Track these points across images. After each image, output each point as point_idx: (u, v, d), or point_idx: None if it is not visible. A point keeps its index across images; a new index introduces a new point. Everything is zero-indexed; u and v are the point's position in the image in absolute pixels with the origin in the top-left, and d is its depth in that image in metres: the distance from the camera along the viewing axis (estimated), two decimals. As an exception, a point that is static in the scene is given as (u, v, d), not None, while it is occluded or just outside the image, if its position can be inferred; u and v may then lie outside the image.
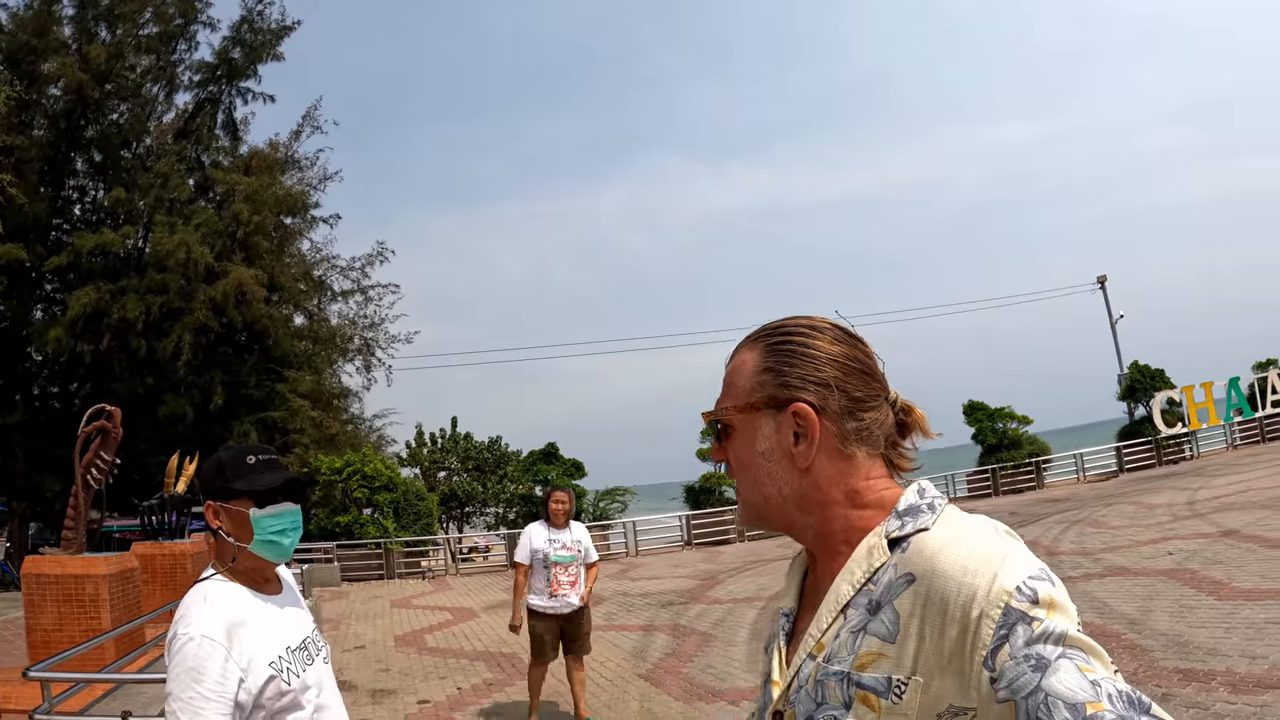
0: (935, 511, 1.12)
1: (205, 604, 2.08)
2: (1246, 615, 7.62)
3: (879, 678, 1.04)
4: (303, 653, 2.21)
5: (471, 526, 35.96)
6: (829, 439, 1.17)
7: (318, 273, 33.72)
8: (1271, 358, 31.47)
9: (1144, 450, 29.22)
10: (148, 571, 11.59)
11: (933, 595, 1.02)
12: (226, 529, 2.19)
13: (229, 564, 2.20)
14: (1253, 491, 16.26)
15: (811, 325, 1.24)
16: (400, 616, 15.01)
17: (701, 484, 28.35)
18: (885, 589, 1.08)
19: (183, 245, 25.52)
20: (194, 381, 26.88)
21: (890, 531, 1.12)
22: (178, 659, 1.96)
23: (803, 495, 1.20)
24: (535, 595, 6.84)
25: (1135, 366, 32.02)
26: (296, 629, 2.26)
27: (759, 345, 1.26)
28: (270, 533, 2.18)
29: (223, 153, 31.47)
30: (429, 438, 37.95)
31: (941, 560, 1.03)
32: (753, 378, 1.24)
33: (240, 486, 2.17)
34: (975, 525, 1.09)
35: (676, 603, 13.79)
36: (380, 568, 22.45)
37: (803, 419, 1.18)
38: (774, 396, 1.21)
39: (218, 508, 2.20)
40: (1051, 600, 0.96)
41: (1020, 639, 0.94)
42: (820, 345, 1.21)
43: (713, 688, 8.04)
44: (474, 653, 10.98)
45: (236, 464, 2.20)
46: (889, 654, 1.04)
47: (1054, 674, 0.91)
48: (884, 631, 1.05)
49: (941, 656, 1.00)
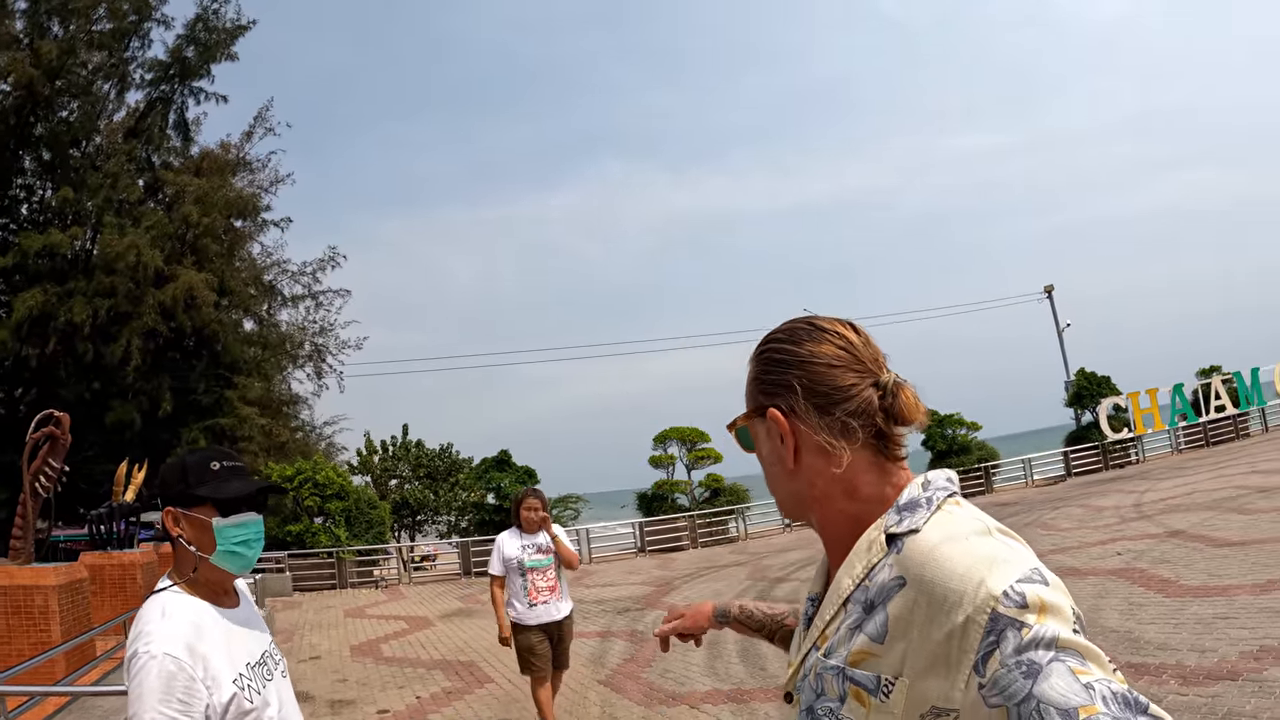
0: (931, 508, 1.12)
1: (164, 619, 1.95)
2: (1195, 611, 7.87)
3: (870, 675, 1.07)
4: (262, 668, 2.11)
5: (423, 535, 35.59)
6: (807, 438, 1.21)
7: (268, 277, 33.22)
8: (1215, 364, 32.38)
9: (1090, 455, 29.87)
10: (96, 582, 11.38)
11: (921, 600, 1.03)
12: (187, 537, 2.06)
13: (188, 575, 2.07)
14: (1198, 494, 16.71)
15: (789, 329, 1.28)
16: (355, 626, 14.88)
17: (654, 491, 28.42)
18: (879, 589, 1.09)
19: (132, 248, 25.04)
20: (142, 387, 26.35)
21: (889, 526, 1.13)
22: (139, 678, 1.83)
23: (799, 494, 1.25)
24: (516, 607, 6.51)
25: (1082, 373, 32.73)
26: (256, 644, 2.15)
27: (753, 358, 1.32)
28: (234, 543, 2.07)
29: (173, 153, 30.94)
30: (380, 445, 37.54)
31: (930, 565, 1.04)
32: (749, 388, 1.32)
33: (204, 493, 2.05)
34: (968, 525, 1.09)
35: (633, 609, 13.84)
36: (333, 577, 22.19)
37: (776, 423, 1.23)
38: (759, 405, 1.27)
39: (178, 514, 2.07)
40: (1042, 603, 0.96)
41: (1010, 645, 0.93)
42: (788, 348, 1.25)
43: (673, 692, 8.11)
44: (431, 661, 10.92)
45: (200, 469, 2.08)
46: (878, 654, 1.06)
47: (1045, 679, 0.90)
48: (875, 632, 1.07)
49: (927, 659, 1.01)
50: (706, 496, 28.32)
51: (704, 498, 28.32)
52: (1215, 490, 16.54)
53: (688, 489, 28.67)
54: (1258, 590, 8.24)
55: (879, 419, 1.19)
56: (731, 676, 8.37)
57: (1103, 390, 31.44)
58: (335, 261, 33.24)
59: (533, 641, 6.47)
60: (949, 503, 1.14)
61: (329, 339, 33.67)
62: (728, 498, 27.88)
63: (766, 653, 9.18)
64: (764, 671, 8.36)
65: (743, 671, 8.50)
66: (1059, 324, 37.53)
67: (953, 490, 1.17)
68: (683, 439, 29.17)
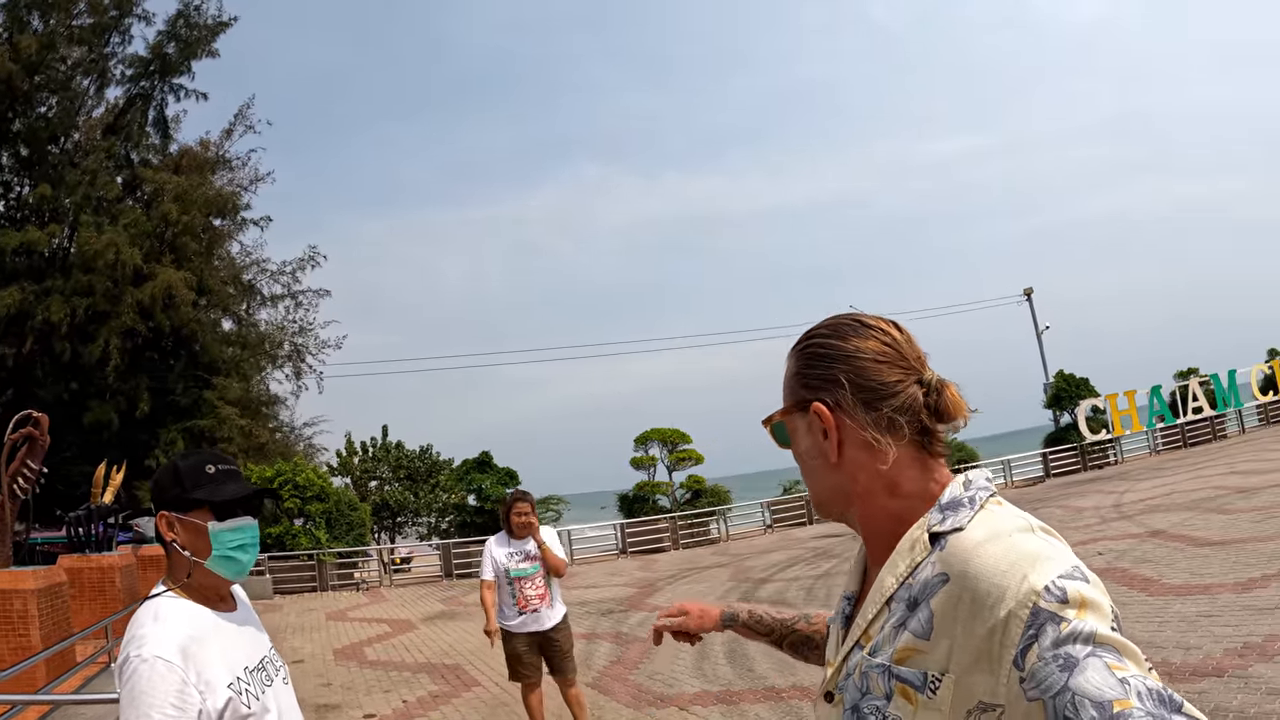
0: (974, 507, 1.13)
1: (157, 623, 1.92)
2: (1178, 610, 7.95)
3: (916, 673, 1.07)
4: (261, 673, 2.07)
5: (404, 537, 35.47)
6: (851, 433, 1.21)
7: (247, 276, 32.95)
8: (1193, 367, 32.75)
9: (1069, 456, 30.10)
10: (75, 586, 11.23)
11: (964, 595, 1.04)
12: (181, 542, 2.02)
13: (183, 579, 2.03)
14: (1177, 494, 16.87)
15: (833, 325, 1.29)
16: (337, 629, 14.78)
17: (635, 492, 28.42)
18: (923, 586, 1.10)
19: (111, 246, 24.81)
20: (120, 387, 26.07)
21: (932, 525, 1.14)
22: (131, 683, 1.80)
23: (841, 489, 1.24)
24: (505, 615, 6.34)
25: (1061, 375, 33.03)
26: (254, 649, 2.11)
27: (794, 353, 1.32)
28: (229, 548, 2.04)
29: (152, 150, 30.65)
30: (360, 446, 37.38)
31: (974, 561, 1.05)
32: (788, 384, 1.32)
33: (199, 497, 2.02)
34: (1011, 523, 1.10)
35: (616, 610, 13.82)
36: (313, 579, 22.03)
37: (820, 417, 1.23)
38: (801, 399, 1.27)
39: (173, 519, 2.03)
40: (1082, 599, 0.97)
41: (1048, 639, 0.94)
42: (834, 344, 1.25)
43: (661, 694, 8.10)
44: (416, 665, 10.86)
45: (195, 472, 2.05)
46: (924, 650, 1.07)
47: (1082, 673, 0.91)
48: (920, 629, 1.08)
49: (972, 655, 1.01)
50: (688, 498, 28.34)
51: (685, 499, 28.35)
52: (1194, 491, 16.69)
53: (669, 490, 28.68)
54: (1239, 588, 8.33)
55: (924, 416, 1.20)
56: (720, 678, 8.37)
57: (1081, 392, 31.73)
58: (315, 261, 33.05)
59: (519, 649, 6.30)
60: (991, 502, 1.15)
61: (308, 339, 33.46)
62: (709, 499, 27.93)
63: (754, 654, 9.18)
64: (752, 673, 8.37)
65: (730, 673, 8.49)
66: (1038, 326, 37.76)
67: (993, 490, 1.18)
68: (664, 440, 29.19)
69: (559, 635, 6.36)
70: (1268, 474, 16.89)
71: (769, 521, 27.29)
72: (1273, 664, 5.98)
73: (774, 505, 27.83)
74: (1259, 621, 7.09)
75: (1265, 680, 5.70)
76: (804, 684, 7.68)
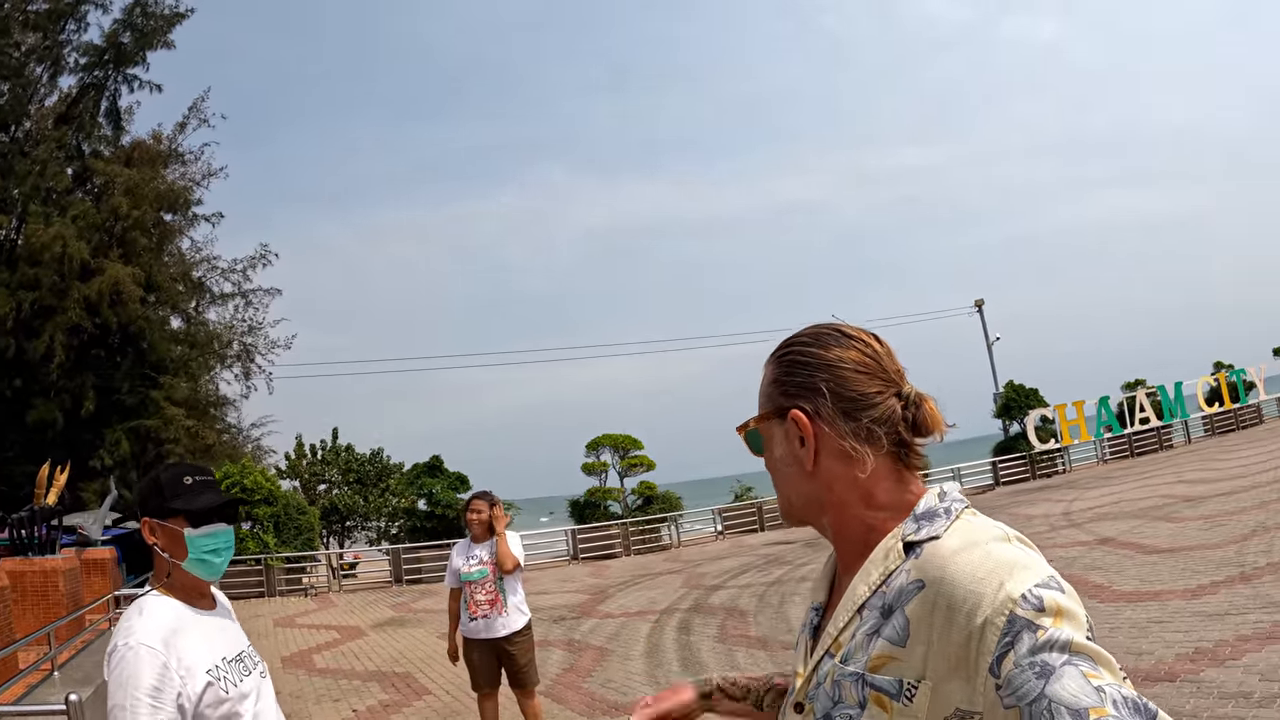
0: (950, 517, 1.14)
1: (142, 615, 2.14)
2: (1129, 616, 8.07)
3: (891, 680, 1.06)
4: (239, 664, 2.26)
5: (353, 541, 34.98)
6: (829, 442, 1.20)
7: (197, 274, 32.17)
8: (1140, 378, 33.51)
9: (1018, 465, 30.63)
10: (17, 591, 10.85)
11: (940, 602, 1.03)
12: (162, 546, 2.25)
13: (163, 579, 2.26)
14: (1124, 502, 17.20)
15: (815, 333, 1.28)
16: (285, 636, 14.50)
17: (587, 498, 28.33)
18: (898, 593, 1.10)
19: (59, 239, 24.19)
20: (65, 385, 25.37)
21: (907, 535, 1.14)
22: (118, 669, 2.02)
23: (815, 497, 1.24)
24: (462, 622, 6.17)
25: (1010, 385, 33.61)
26: (232, 643, 2.32)
27: (773, 359, 1.32)
28: (203, 552, 2.24)
29: (104, 142, 29.84)
30: (309, 449, 36.81)
31: (951, 568, 1.05)
32: (766, 390, 1.31)
33: (177, 505, 2.23)
34: (988, 533, 1.10)
35: (568, 617, 13.73)
36: (261, 584, 21.61)
37: (799, 424, 1.22)
38: (779, 406, 1.26)
39: (154, 524, 2.25)
40: (1058, 608, 0.97)
41: (1025, 646, 0.95)
42: (815, 352, 1.24)
43: (615, 702, 8.05)
44: (366, 673, 10.67)
45: (174, 483, 2.27)
46: (900, 657, 1.06)
47: (1058, 680, 0.91)
48: (895, 636, 1.07)
49: (949, 662, 1.01)
50: (639, 504, 28.32)
51: (637, 505, 28.32)
52: (1142, 499, 17.02)
53: (621, 496, 28.64)
54: (1189, 595, 8.48)
55: (901, 428, 1.20)
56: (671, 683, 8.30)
57: (1030, 402, 32.30)
58: (266, 259, 32.35)
59: (474, 657, 6.14)
60: (966, 513, 1.15)
61: (258, 338, 32.76)
62: (660, 505, 27.93)
63: (708, 661, 9.16)
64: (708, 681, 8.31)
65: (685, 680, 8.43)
66: (988, 337, 38.33)
67: (967, 502, 1.18)
68: (616, 446, 29.14)
69: (515, 646, 6.12)
70: (1214, 483, 17.26)
71: (720, 528, 27.35)
72: (1224, 669, 6.08)
73: (725, 512, 27.93)
74: (1209, 627, 7.21)
75: (1217, 685, 5.79)
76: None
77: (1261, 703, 5.31)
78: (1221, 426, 33.07)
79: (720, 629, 10.81)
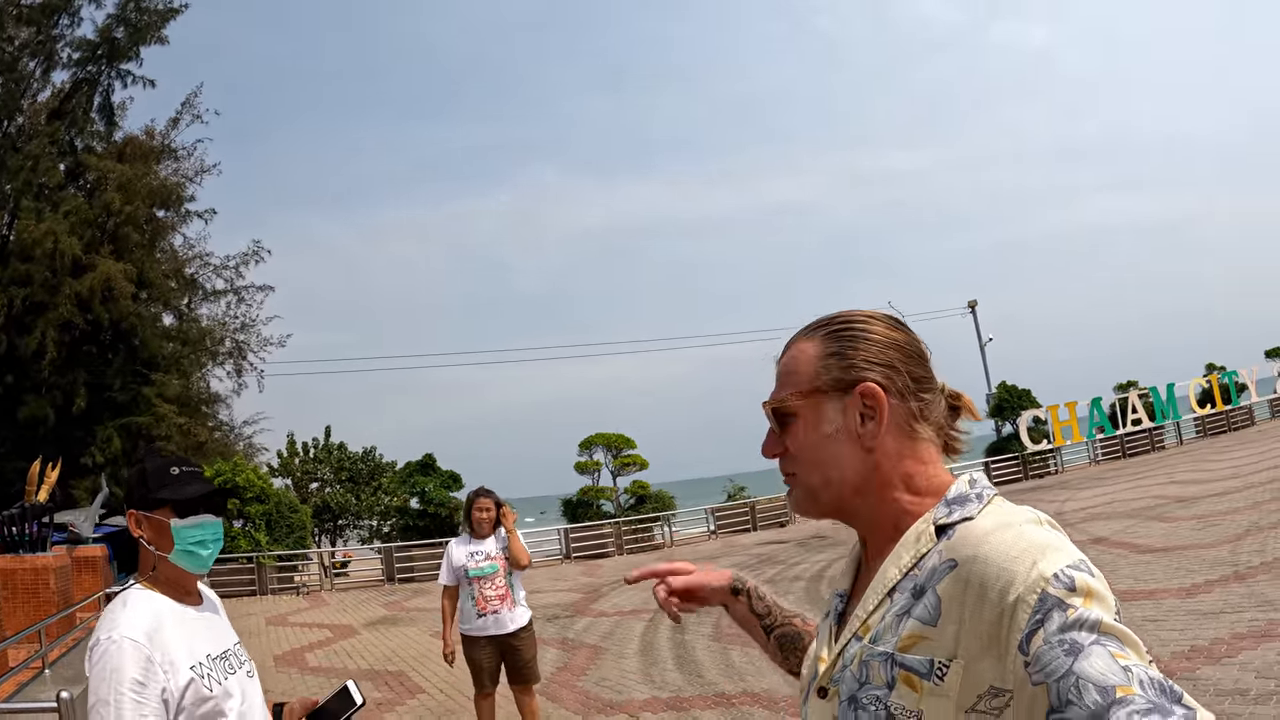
0: (982, 501, 1.15)
1: (125, 609, 2.09)
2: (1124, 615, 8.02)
3: (922, 659, 1.06)
4: (224, 661, 2.20)
5: (345, 540, 34.95)
6: (896, 418, 1.21)
7: (189, 270, 31.94)
8: (1132, 380, 33.70)
9: (1011, 465, 30.76)
10: (8, 588, 10.82)
11: (973, 580, 1.04)
12: (148, 538, 2.20)
13: (149, 572, 2.21)
14: (1117, 503, 17.26)
15: (868, 315, 1.29)
16: (278, 635, 14.46)
17: (580, 497, 28.32)
18: (929, 574, 1.10)
19: (50, 235, 24.03)
20: (57, 382, 25.20)
21: (938, 518, 1.15)
22: (100, 662, 1.97)
23: (864, 477, 1.22)
24: (465, 619, 6.09)
25: (1003, 386, 33.80)
26: (218, 639, 2.25)
27: (818, 334, 1.29)
28: (190, 543, 2.20)
29: (97, 137, 29.61)
30: (301, 447, 36.75)
31: (984, 547, 1.05)
32: (816, 363, 1.26)
33: (163, 496, 2.19)
34: (1020, 515, 1.11)
35: (562, 616, 13.70)
36: (252, 583, 21.52)
37: (870, 399, 1.20)
38: (840, 379, 1.23)
39: (140, 516, 2.21)
40: (1089, 589, 0.98)
41: (1054, 624, 0.96)
42: (880, 330, 1.25)
43: (610, 700, 8.02)
44: (359, 671, 10.63)
45: (160, 474, 2.22)
46: (931, 636, 1.06)
47: (1086, 658, 0.92)
48: (926, 615, 1.08)
49: (980, 640, 1.02)
50: (632, 503, 28.33)
51: (629, 504, 28.32)
52: (1134, 500, 17.08)
53: (613, 495, 28.63)
54: (1184, 594, 8.51)
55: (945, 415, 1.26)
56: (669, 684, 8.31)
57: (1023, 403, 32.47)
58: (259, 256, 32.13)
59: (478, 656, 6.07)
60: (996, 499, 1.16)
61: (250, 335, 32.55)
62: (653, 504, 27.94)
63: (703, 660, 9.14)
64: (701, 679, 8.32)
65: (680, 679, 8.44)
66: (981, 338, 38.47)
67: (996, 490, 1.19)
68: (609, 445, 29.16)
69: (521, 641, 6.12)
70: (1206, 484, 17.33)
71: (713, 527, 27.33)
72: (1219, 666, 6.11)
73: (718, 511, 27.90)
74: (1204, 626, 7.24)
75: (1213, 682, 5.81)
76: (754, 690, 7.66)
77: (1258, 699, 5.33)
78: (1213, 428, 33.22)
79: (715, 628, 10.79)
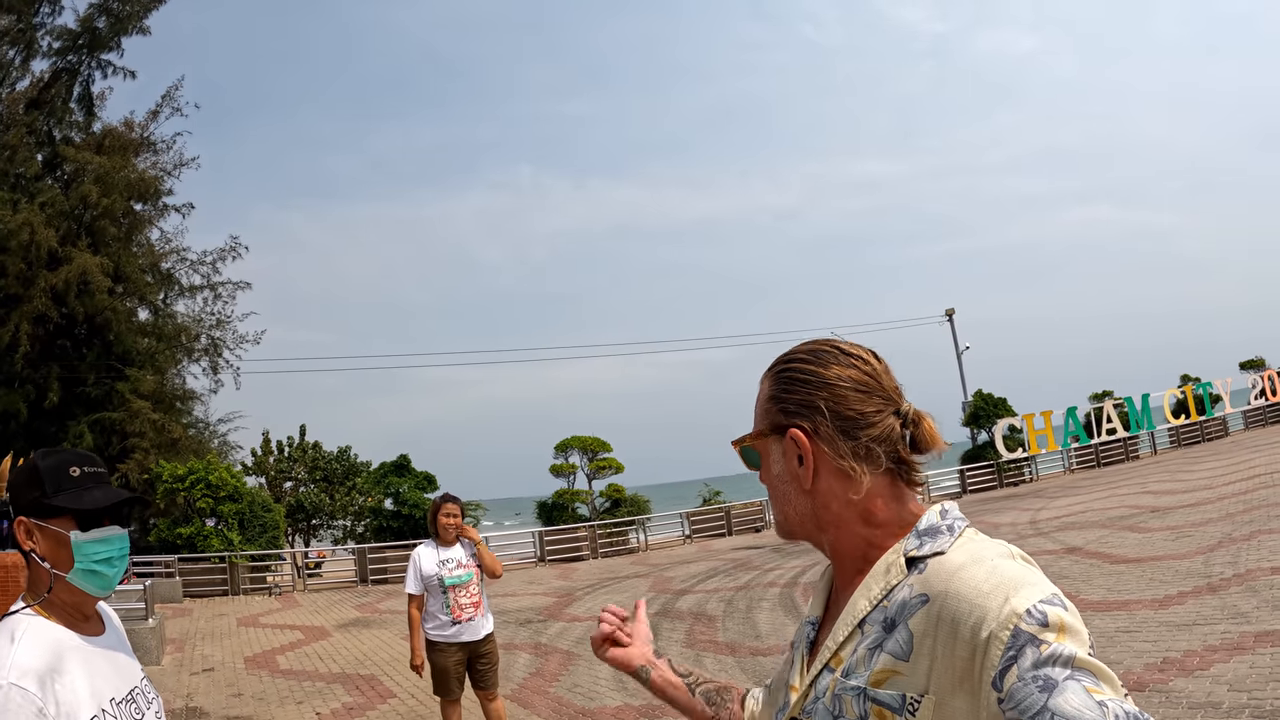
0: (954, 534, 1.14)
1: (14, 645, 1.69)
2: (1097, 625, 8.08)
3: (894, 694, 1.05)
4: (130, 705, 1.86)
5: (318, 540, 34.65)
6: (827, 460, 1.20)
7: (166, 265, 31.56)
8: (1107, 389, 33.92)
9: (986, 473, 30.97)
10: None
11: (945, 616, 1.03)
12: (41, 552, 1.80)
13: (43, 594, 1.81)
14: (1091, 512, 17.30)
15: (813, 350, 1.27)
16: (249, 636, 14.29)
17: (555, 500, 28.24)
18: (900, 608, 1.09)
19: (26, 226, 23.67)
20: (30, 376, 24.85)
21: (909, 550, 1.14)
22: None
23: (813, 515, 1.23)
24: (435, 626, 6.01)
25: (979, 394, 33.97)
26: (123, 678, 1.89)
27: (769, 375, 1.31)
28: (94, 561, 1.83)
29: (75, 128, 29.16)
30: (276, 446, 36.43)
31: (955, 583, 1.05)
32: (762, 406, 1.30)
33: (62, 503, 1.80)
34: (993, 549, 1.10)
35: (535, 620, 13.63)
36: (225, 583, 21.33)
37: (797, 443, 1.21)
38: (776, 423, 1.26)
39: (31, 526, 1.81)
40: (1062, 624, 0.97)
41: (1028, 660, 0.95)
42: (814, 370, 1.23)
43: (582, 707, 7.97)
44: (330, 675, 10.52)
45: (57, 475, 1.83)
46: (903, 671, 1.05)
47: (1060, 694, 0.91)
48: (898, 650, 1.07)
49: (953, 676, 1.01)
50: (607, 507, 28.27)
51: (605, 508, 28.26)
52: (1108, 509, 17.15)
53: (589, 499, 28.56)
54: (1156, 605, 8.51)
55: (900, 447, 1.22)
56: (642, 692, 8.17)
57: (999, 411, 32.68)
58: (236, 252, 31.78)
59: (450, 663, 6.01)
60: (968, 530, 1.16)
61: (226, 332, 32.23)
62: (628, 508, 27.92)
63: (678, 666, 9.08)
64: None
65: (655, 685, 8.37)
66: (958, 346, 38.67)
67: (968, 520, 1.19)
68: (584, 448, 29.09)
69: (489, 646, 6.17)
70: (1180, 494, 17.42)
71: (688, 532, 27.40)
72: (1192, 679, 6.10)
73: (693, 516, 27.94)
74: (1177, 637, 7.24)
75: (1186, 694, 5.80)
76: (730, 697, 7.60)
77: (1230, 713, 5.32)
78: (1187, 438, 33.56)
79: (688, 634, 10.75)
